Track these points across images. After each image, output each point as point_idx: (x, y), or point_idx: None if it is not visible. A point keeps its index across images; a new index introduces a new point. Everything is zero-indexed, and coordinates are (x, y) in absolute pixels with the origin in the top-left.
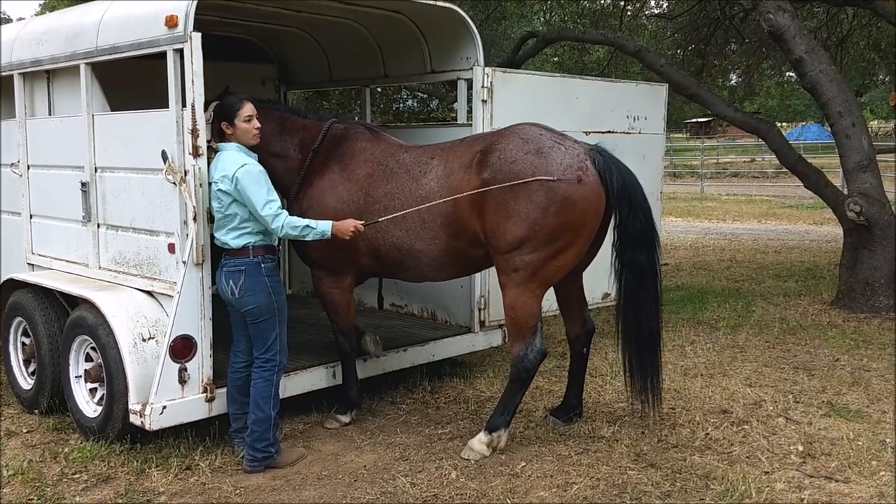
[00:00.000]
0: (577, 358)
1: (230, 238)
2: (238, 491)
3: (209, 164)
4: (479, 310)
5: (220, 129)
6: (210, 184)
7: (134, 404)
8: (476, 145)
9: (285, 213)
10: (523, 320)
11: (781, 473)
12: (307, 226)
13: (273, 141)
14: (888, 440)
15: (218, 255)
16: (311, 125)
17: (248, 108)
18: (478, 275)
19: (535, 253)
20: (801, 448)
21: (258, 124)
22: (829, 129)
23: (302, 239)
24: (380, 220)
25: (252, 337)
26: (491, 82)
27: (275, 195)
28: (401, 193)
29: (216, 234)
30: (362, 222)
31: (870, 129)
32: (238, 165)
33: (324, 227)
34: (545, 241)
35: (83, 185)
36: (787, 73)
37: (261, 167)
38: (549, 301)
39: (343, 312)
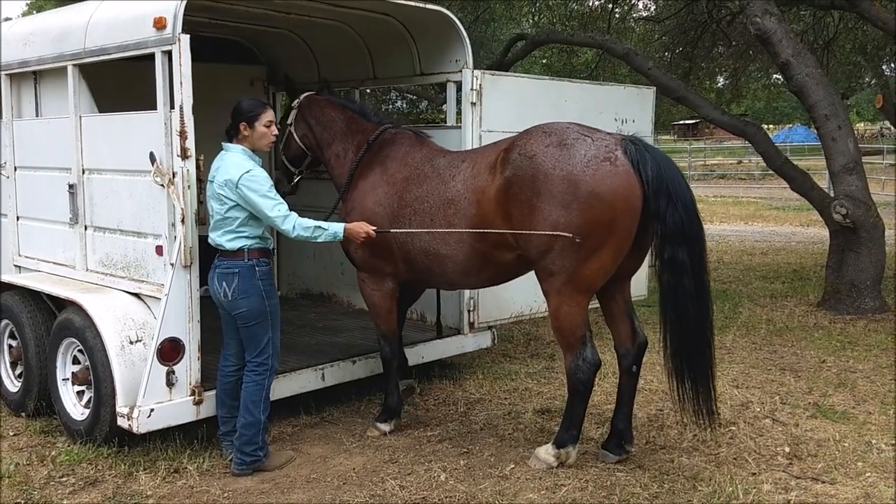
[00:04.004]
0: (625, 376)
1: (225, 240)
2: (226, 494)
3: (198, 166)
4: (469, 311)
5: (237, 129)
6: (210, 182)
7: (121, 407)
8: (503, 144)
9: (294, 214)
10: (568, 331)
11: (768, 475)
12: (318, 227)
13: (338, 140)
14: (874, 441)
15: (208, 256)
16: (370, 128)
17: (269, 114)
18: None
19: (565, 255)
20: (787, 449)
21: (276, 131)
22: (815, 131)
23: (314, 240)
24: (392, 231)
25: (244, 340)
26: (480, 85)
27: (280, 198)
28: (430, 197)
29: (211, 235)
30: (374, 228)
31: (856, 132)
32: (242, 171)
33: (335, 228)
34: (573, 242)
35: (70, 186)
36: (774, 76)
37: (264, 172)
38: (539, 302)
39: (384, 317)
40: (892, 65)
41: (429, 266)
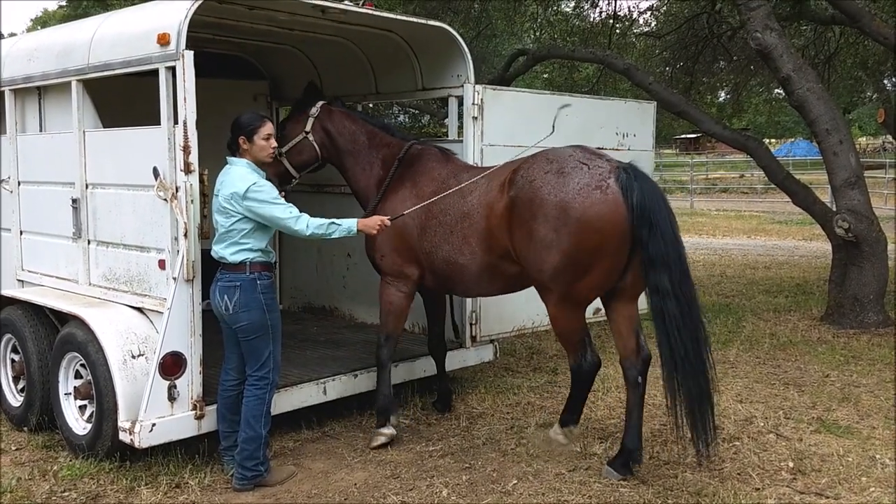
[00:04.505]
0: (631, 389)
1: (228, 252)
2: None
3: (202, 180)
4: (471, 325)
5: (237, 143)
6: (215, 196)
7: (123, 422)
8: (513, 165)
9: (305, 215)
10: (567, 335)
11: (772, 490)
12: (332, 223)
13: (363, 153)
14: (878, 456)
15: (211, 270)
16: (395, 143)
17: (268, 127)
18: None
19: (558, 275)
20: (791, 464)
21: (275, 143)
22: (817, 145)
23: (329, 237)
24: (404, 213)
25: (244, 354)
26: (481, 99)
27: (287, 203)
28: (451, 209)
29: (214, 248)
30: (388, 217)
31: (858, 146)
32: (249, 183)
33: (349, 224)
34: (565, 264)
35: (74, 201)
36: (776, 91)
37: (269, 183)
38: (542, 316)
39: (396, 316)
40: (894, 79)
41: (449, 274)
